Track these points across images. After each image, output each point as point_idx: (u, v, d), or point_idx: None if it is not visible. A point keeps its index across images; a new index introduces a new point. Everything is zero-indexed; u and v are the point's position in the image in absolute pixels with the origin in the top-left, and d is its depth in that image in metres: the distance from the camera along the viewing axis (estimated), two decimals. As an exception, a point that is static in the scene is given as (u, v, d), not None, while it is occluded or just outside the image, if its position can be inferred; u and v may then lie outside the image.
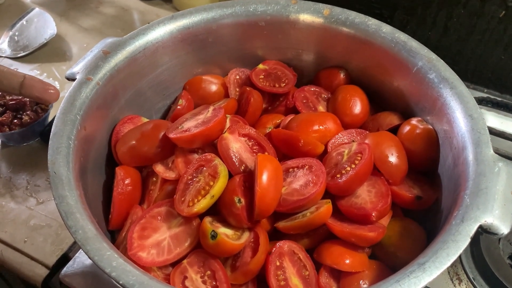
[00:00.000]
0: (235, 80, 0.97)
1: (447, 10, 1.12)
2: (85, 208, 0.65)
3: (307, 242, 0.74)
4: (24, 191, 1.00)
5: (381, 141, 0.79)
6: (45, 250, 0.90)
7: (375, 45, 0.86)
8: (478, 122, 0.70)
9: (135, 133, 0.81)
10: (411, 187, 0.78)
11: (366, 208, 0.72)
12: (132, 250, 0.69)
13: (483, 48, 1.15)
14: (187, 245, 0.71)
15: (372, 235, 0.70)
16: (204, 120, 0.79)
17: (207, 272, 0.69)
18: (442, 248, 0.58)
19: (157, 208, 0.74)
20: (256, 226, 0.72)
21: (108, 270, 0.56)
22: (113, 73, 0.81)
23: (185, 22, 0.89)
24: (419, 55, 0.81)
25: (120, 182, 0.78)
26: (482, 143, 0.68)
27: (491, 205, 0.61)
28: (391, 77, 0.88)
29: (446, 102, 0.76)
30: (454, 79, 0.76)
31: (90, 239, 0.60)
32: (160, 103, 0.96)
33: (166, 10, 1.49)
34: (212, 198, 0.69)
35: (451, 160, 0.73)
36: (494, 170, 0.64)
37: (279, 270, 0.69)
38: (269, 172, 0.69)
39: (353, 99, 0.89)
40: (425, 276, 0.55)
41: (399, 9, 1.18)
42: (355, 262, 0.70)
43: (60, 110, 0.74)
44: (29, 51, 1.31)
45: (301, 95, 0.93)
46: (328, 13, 0.90)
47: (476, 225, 0.59)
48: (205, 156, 0.75)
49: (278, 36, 0.94)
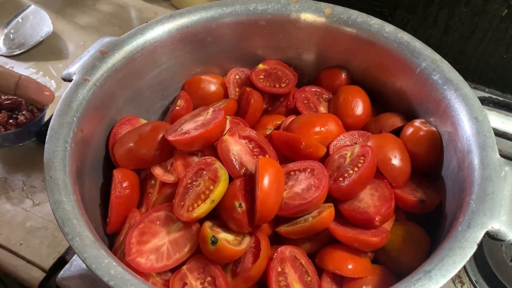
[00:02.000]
0: (235, 80, 0.95)
1: (448, 9, 1.11)
2: (82, 213, 0.64)
3: (309, 246, 0.73)
4: (20, 192, 0.99)
5: (384, 144, 0.78)
6: (42, 253, 0.89)
7: (378, 45, 0.85)
8: (483, 125, 0.69)
9: (133, 135, 0.80)
10: (414, 190, 0.77)
11: (369, 213, 0.71)
12: (131, 255, 0.67)
13: (485, 47, 1.13)
14: (186, 250, 0.70)
15: (376, 240, 0.69)
16: (204, 122, 0.77)
17: (207, 278, 0.67)
18: (448, 255, 0.56)
19: (156, 212, 0.72)
20: (257, 231, 0.71)
21: (106, 279, 0.55)
22: (111, 73, 0.80)
23: (184, 21, 0.87)
24: (423, 56, 0.80)
25: (118, 185, 0.76)
26: (488, 147, 0.66)
27: (498, 211, 0.59)
28: (394, 77, 0.86)
29: (450, 104, 0.74)
30: (458, 81, 0.75)
31: (88, 246, 0.58)
32: (159, 104, 0.94)
33: (164, 8, 1.47)
34: (212, 202, 0.68)
35: (455, 163, 0.72)
36: (500, 175, 0.63)
37: (281, 276, 0.68)
38: (271, 176, 0.68)
39: (355, 100, 0.87)
40: (431, 285, 0.54)
41: (400, 7, 1.17)
42: (358, 268, 0.69)
43: (56, 112, 0.72)
44: (24, 49, 1.29)
45: (302, 95, 0.91)
46: (330, 12, 0.88)
47: (482, 232, 0.58)
48: (205, 160, 0.73)
49: (279, 35, 0.92)
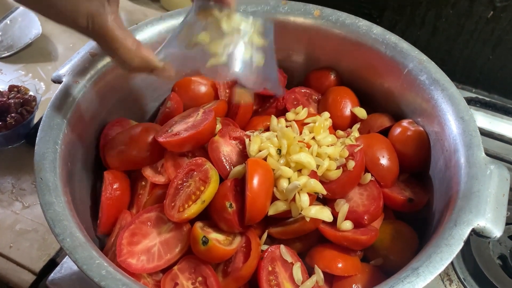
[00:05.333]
0: (225, 81, 0.95)
1: (436, 11, 1.12)
2: (73, 215, 0.64)
3: (299, 246, 0.74)
4: (9, 195, 0.98)
5: (372, 144, 0.79)
6: (32, 256, 0.88)
7: (366, 46, 0.86)
8: (469, 124, 0.70)
9: (124, 137, 0.80)
10: (402, 189, 0.78)
11: (358, 212, 0.72)
12: (122, 256, 0.67)
13: (472, 49, 1.15)
14: (177, 251, 0.70)
15: (365, 239, 0.70)
16: (194, 123, 0.78)
17: (198, 279, 0.68)
18: (436, 252, 0.57)
19: (147, 213, 0.72)
20: (248, 231, 0.71)
21: (97, 280, 0.55)
22: (100, 75, 0.80)
23: (173, 22, 0.88)
24: (410, 57, 0.81)
25: (109, 186, 0.76)
26: (474, 146, 0.68)
27: (484, 209, 0.61)
28: (382, 78, 0.87)
29: (437, 104, 0.76)
30: (445, 81, 0.76)
31: (79, 247, 0.58)
32: (149, 105, 0.95)
33: (153, 10, 1.47)
34: (203, 203, 0.68)
35: (442, 162, 0.73)
36: (486, 173, 0.64)
37: (272, 275, 0.68)
38: (260, 177, 0.68)
39: (344, 101, 0.88)
40: (419, 281, 0.55)
41: (388, 9, 1.18)
42: (347, 266, 0.70)
43: (46, 114, 0.72)
44: (13, 51, 1.28)
45: (292, 96, 0.92)
46: (319, 14, 0.89)
47: (469, 229, 0.59)
48: (195, 160, 0.74)
49: (268, 37, 0.93)
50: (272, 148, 0.72)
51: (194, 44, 0.69)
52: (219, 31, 0.69)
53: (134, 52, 0.61)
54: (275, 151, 0.72)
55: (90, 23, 0.56)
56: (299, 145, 0.72)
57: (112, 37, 0.59)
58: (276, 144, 0.73)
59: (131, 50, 0.61)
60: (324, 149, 0.74)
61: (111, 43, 0.59)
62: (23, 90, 1.06)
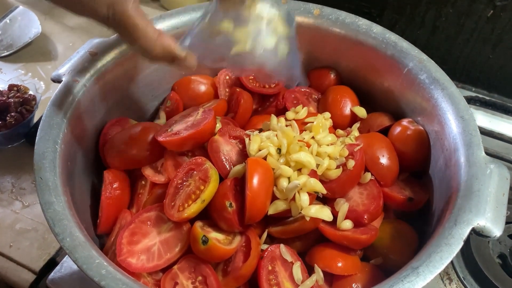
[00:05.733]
0: (225, 80, 0.95)
1: (435, 10, 1.12)
2: (73, 214, 0.64)
3: (299, 245, 0.74)
4: (9, 194, 0.98)
5: (372, 143, 0.79)
6: (32, 255, 0.88)
7: (366, 46, 0.86)
8: (469, 123, 0.70)
9: (123, 136, 0.80)
10: (402, 188, 0.78)
11: (358, 211, 0.72)
12: (122, 256, 0.67)
13: (471, 48, 1.15)
14: (177, 250, 0.70)
15: (365, 238, 0.70)
16: (194, 122, 0.78)
17: (198, 278, 0.68)
18: (436, 251, 0.57)
19: (147, 212, 0.72)
20: (248, 230, 0.71)
21: (97, 279, 0.55)
22: (100, 74, 0.80)
23: (173, 22, 0.87)
24: (410, 56, 0.81)
25: (108, 186, 0.76)
26: (474, 145, 0.68)
27: (484, 208, 0.61)
28: (381, 77, 0.87)
29: (437, 103, 0.76)
30: (445, 80, 0.76)
31: (78, 246, 0.58)
32: (149, 105, 0.94)
33: (153, 9, 1.47)
34: (203, 202, 0.68)
35: (442, 161, 0.73)
36: (486, 172, 0.64)
37: (271, 275, 0.68)
38: (260, 176, 0.68)
39: (344, 100, 0.88)
40: (418, 281, 0.55)
41: (388, 8, 1.18)
42: (347, 265, 0.70)
43: (45, 113, 0.72)
44: (13, 51, 1.28)
45: (292, 95, 0.92)
46: (319, 13, 0.89)
47: (469, 228, 0.59)
48: (195, 160, 0.74)
49: (268, 36, 0.93)
50: (272, 147, 0.72)
51: (218, 32, 0.68)
52: (243, 18, 0.67)
53: (156, 40, 0.60)
54: (275, 150, 0.72)
55: (111, 12, 0.56)
56: (299, 144, 0.72)
57: (134, 25, 0.58)
58: (276, 144, 0.73)
59: (153, 38, 0.60)
60: (324, 148, 0.74)
61: (132, 32, 0.58)
62: (23, 89, 1.06)
